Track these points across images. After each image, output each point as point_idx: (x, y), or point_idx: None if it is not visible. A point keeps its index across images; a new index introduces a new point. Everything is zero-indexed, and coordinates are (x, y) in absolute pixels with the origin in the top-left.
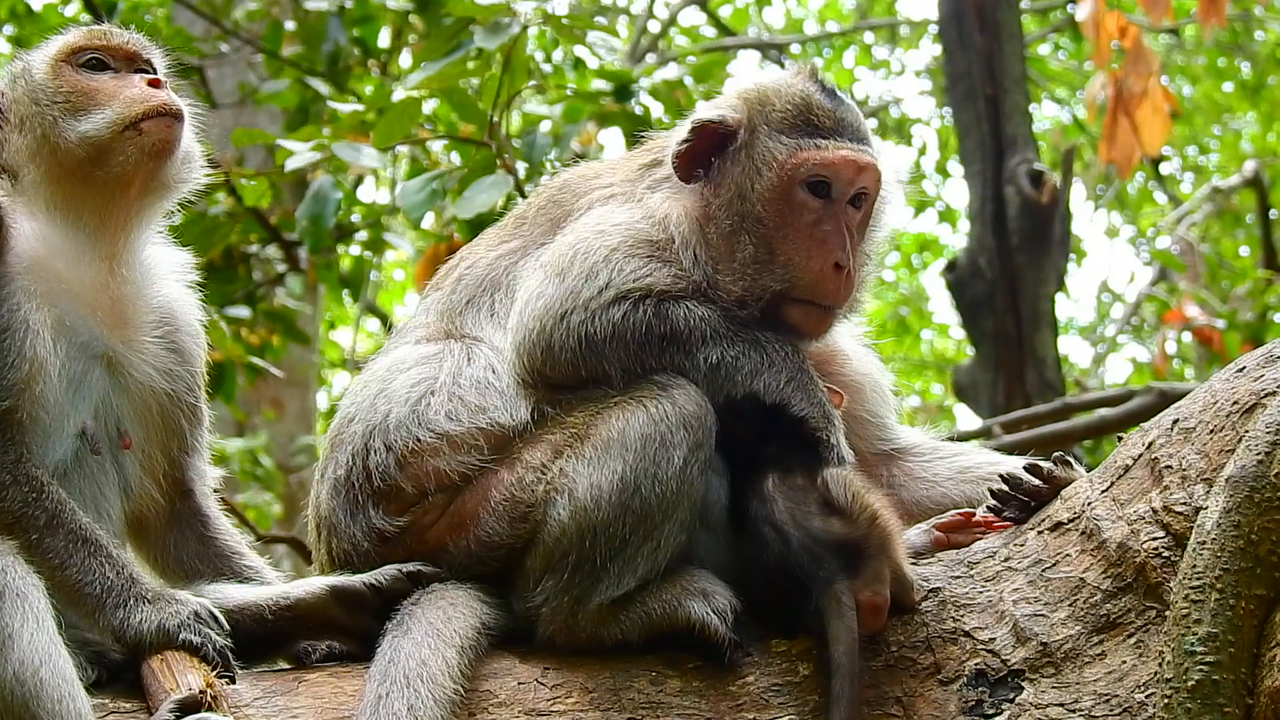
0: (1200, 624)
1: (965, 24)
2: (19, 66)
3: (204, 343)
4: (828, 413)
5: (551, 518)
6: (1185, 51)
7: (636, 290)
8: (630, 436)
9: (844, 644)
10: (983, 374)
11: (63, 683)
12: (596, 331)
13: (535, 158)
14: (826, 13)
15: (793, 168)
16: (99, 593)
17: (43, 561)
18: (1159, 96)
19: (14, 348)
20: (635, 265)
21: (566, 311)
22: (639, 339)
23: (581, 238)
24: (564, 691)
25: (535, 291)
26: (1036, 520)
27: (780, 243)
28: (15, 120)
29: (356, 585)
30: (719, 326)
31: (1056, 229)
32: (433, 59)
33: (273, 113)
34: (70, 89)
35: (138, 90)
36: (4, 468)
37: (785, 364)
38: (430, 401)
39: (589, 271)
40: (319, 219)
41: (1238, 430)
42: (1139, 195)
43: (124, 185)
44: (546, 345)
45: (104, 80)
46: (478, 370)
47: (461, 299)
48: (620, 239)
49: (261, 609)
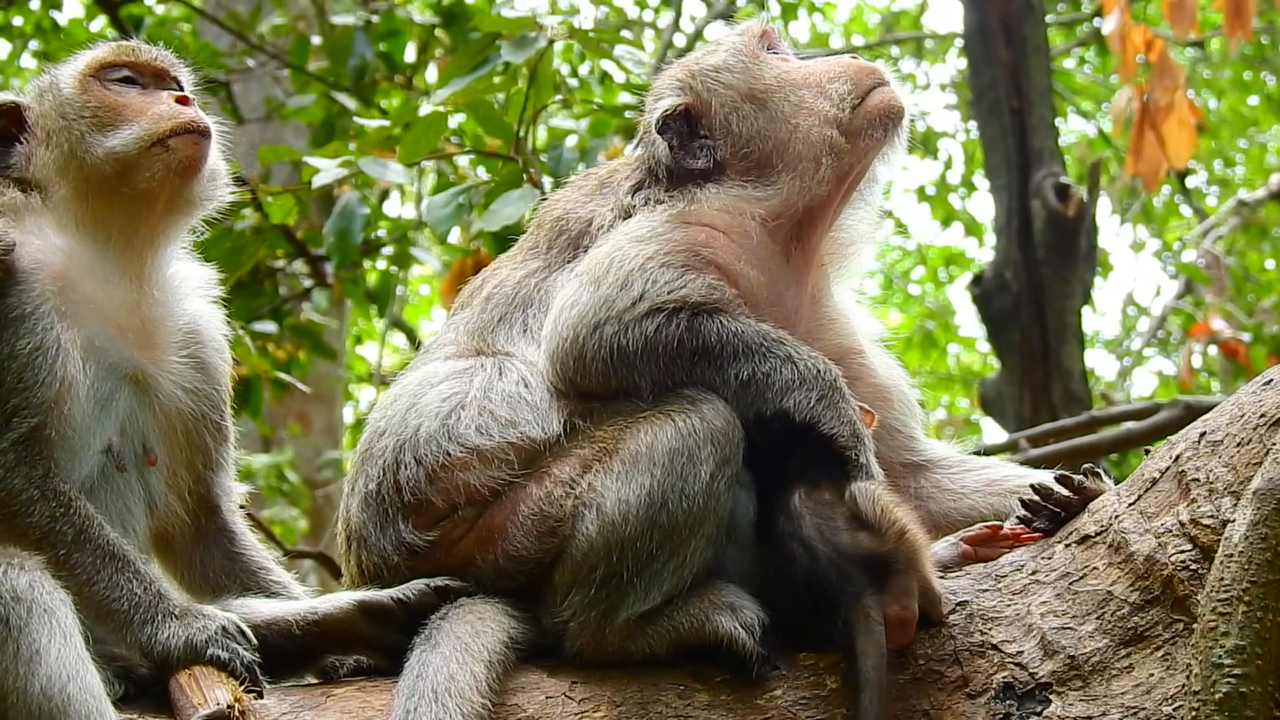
0: (1228, 636)
1: (991, 38)
2: (46, 81)
3: (229, 359)
4: (858, 431)
5: (579, 532)
6: (1211, 65)
7: (671, 303)
8: (658, 451)
9: (872, 659)
10: (1009, 387)
11: (90, 698)
12: (629, 344)
13: (561, 172)
14: (852, 27)
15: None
16: (127, 609)
17: (70, 577)
18: (1185, 110)
19: (45, 366)
20: (670, 275)
21: (600, 322)
22: (670, 353)
23: (619, 246)
24: (592, 705)
25: (570, 299)
26: (1064, 533)
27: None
28: (42, 135)
29: (384, 600)
30: (752, 341)
31: (1082, 242)
32: (459, 74)
33: (299, 127)
34: (98, 104)
35: (165, 107)
36: (32, 483)
37: (817, 381)
38: (461, 415)
39: (624, 280)
40: (346, 234)
41: (1265, 443)
42: (1165, 208)
43: (150, 202)
44: (579, 355)
45: (132, 96)
46: (509, 385)
47: (493, 317)
48: (658, 245)
49: (289, 624)
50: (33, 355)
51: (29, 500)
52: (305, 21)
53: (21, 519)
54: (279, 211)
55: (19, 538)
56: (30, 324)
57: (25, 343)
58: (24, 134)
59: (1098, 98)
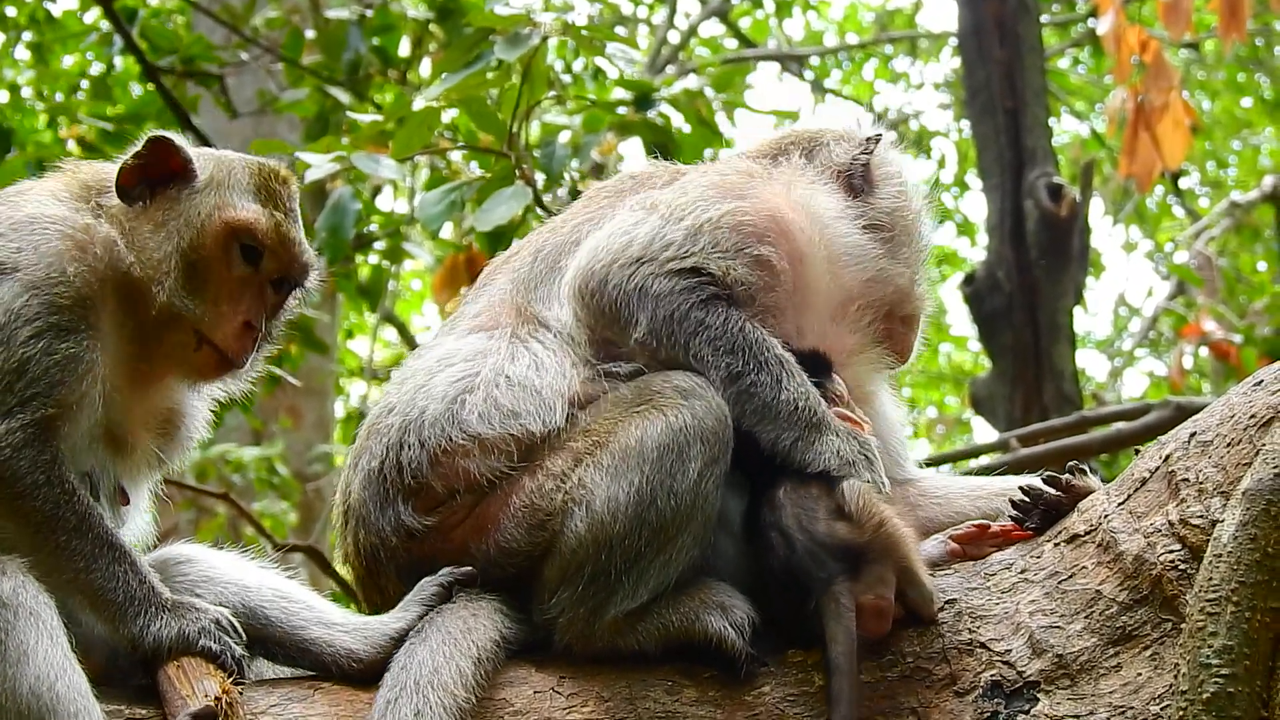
0: (1216, 636)
1: (985, 37)
2: (219, 177)
3: (201, 434)
4: (846, 459)
5: (569, 529)
6: (1205, 66)
7: (709, 276)
8: (648, 447)
9: (842, 644)
10: (1000, 387)
11: (78, 696)
12: (653, 287)
13: (554, 168)
14: (846, 25)
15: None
16: (122, 598)
17: (69, 564)
18: (1179, 111)
19: (74, 375)
20: (732, 240)
21: (643, 259)
22: (676, 318)
23: (712, 185)
24: (580, 700)
25: (627, 226)
26: (1053, 532)
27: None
28: (173, 208)
29: (413, 624)
30: (754, 347)
31: (1075, 243)
32: (453, 70)
33: (292, 121)
34: (211, 261)
35: (234, 327)
36: (39, 468)
37: (792, 418)
38: (467, 401)
39: (696, 228)
40: (338, 229)
41: (1255, 444)
42: (1158, 210)
43: (157, 358)
44: (604, 275)
45: (234, 280)
46: (520, 369)
47: (543, 269)
48: (734, 205)
49: (324, 664)
50: (67, 360)
51: (34, 484)
52: (299, 15)
53: (26, 501)
54: None
55: (21, 521)
56: (76, 336)
57: (65, 346)
58: (172, 184)
59: (1092, 98)
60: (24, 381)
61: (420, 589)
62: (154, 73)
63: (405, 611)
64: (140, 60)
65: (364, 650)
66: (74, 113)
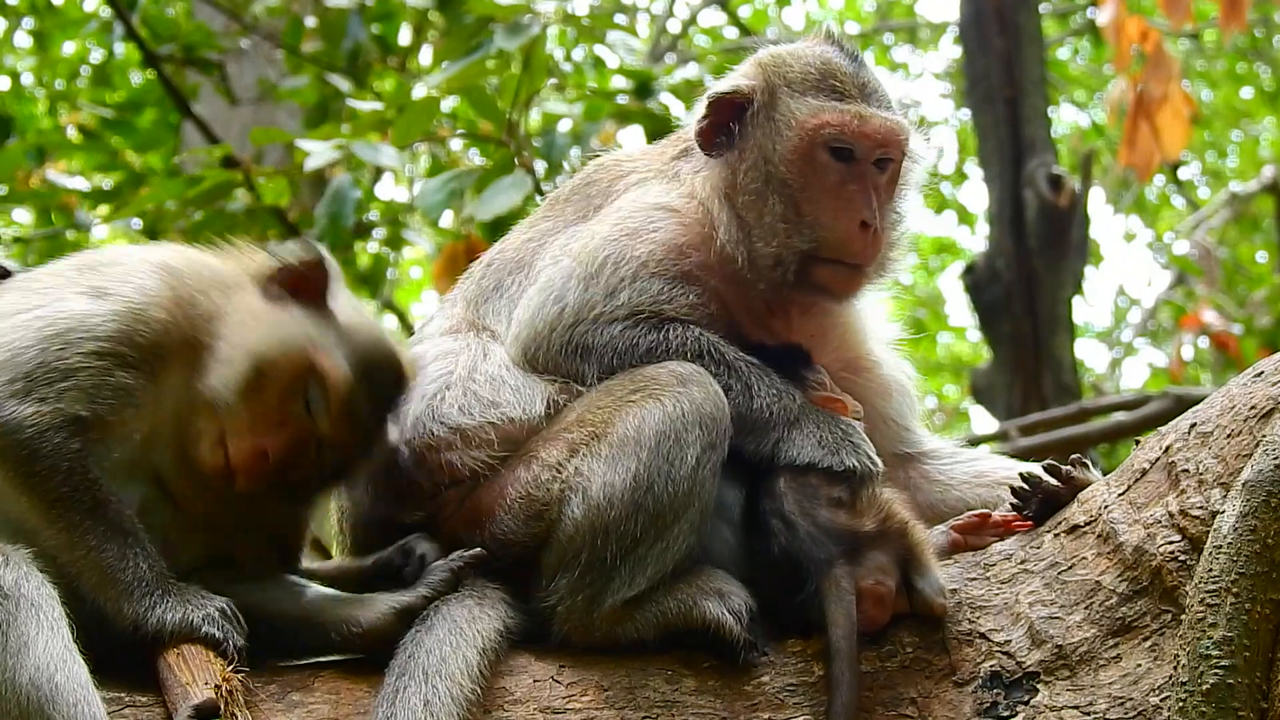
0: (1216, 628)
1: (985, 27)
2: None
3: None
4: (829, 444)
5: (565, 516)
6: (1205, 56)
7: (647, 314)
8: (645, 434)
9: (842, 627)
10: (1000, 377)
11: (78, 687)
12: (593, 341)
13: (554, 156)
14: (846, 14)
15: (813, 129)
16: (130, 580)
17: (81, 543)
18: (1179, 101)
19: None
20: (659, 287)
21: (577, 322)
22: (628, 351)
23: (615, 239)
24: (579, 689)
25: (557, 290)
26: (1053, 523)
27: (806, 203)
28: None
29: (418, 602)
30: (718, 353)
31: (1075, 233)
32: (453, 59)
33: (292, 109)
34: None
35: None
36: (63, 455)
37: (767, 424)
38: (446, 396)
39: (612, 289)
40: (338, 217)
41: (1255, 435)
42: (1158, 200)
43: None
44: (546, 343)
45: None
46: (493, 367)
47: (489, 285)
48: (651, 249)
49: (326, 632)
50: (121, 388)
51: (52, 469)
52: (299, 3)
53: (42, 481)
54: (271, 193)
55: (35, 498)
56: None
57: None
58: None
59: (1091, 88)
60: (68, 384)
61: (430, 572)
62: (154, 60)
63: (412, 590)
64: (141, 47)
65: (364, 616)
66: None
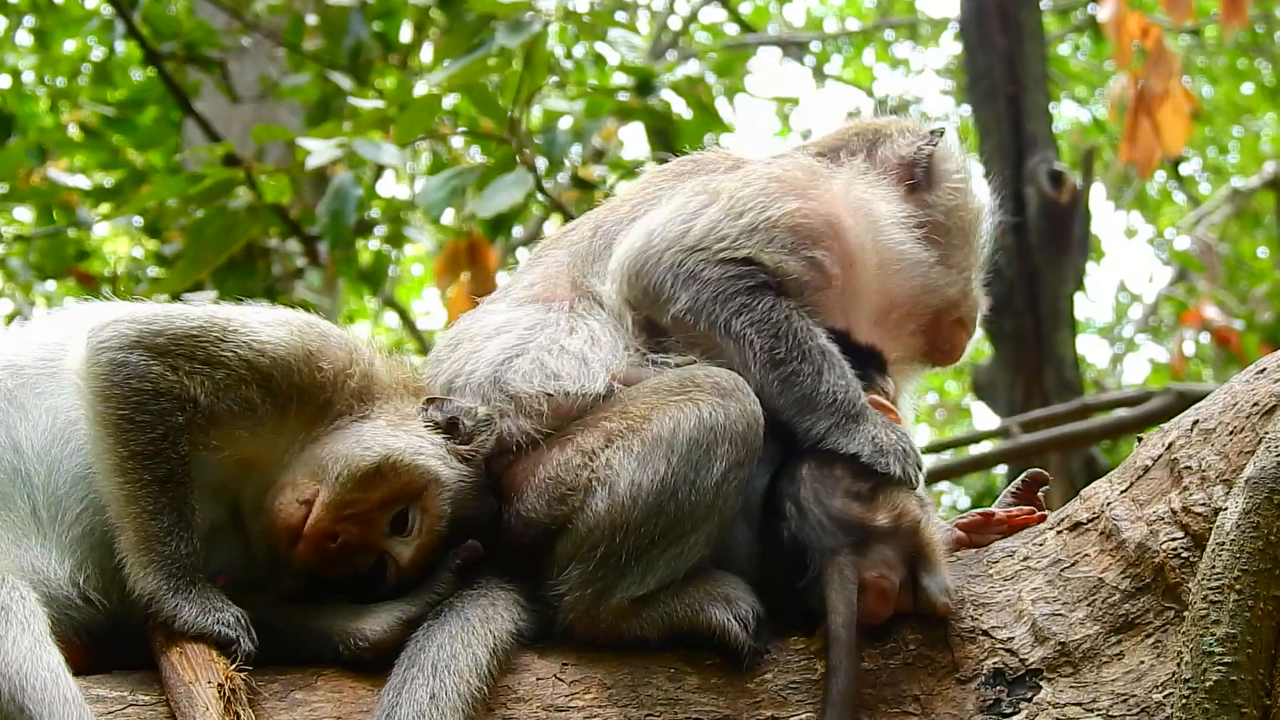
0: (1219, 625)
1: (986, 23)
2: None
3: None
4: (882, 446)
5: (589, 507)
6: (1206, 52)
7: (764, 267)
8: (679, 439)
9: (842, 615)
10: (1001, 373)
11: (46, 672)
12: (701, 272)
13: (555, 154)
14: (847, 10)
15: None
16: (164, 555)
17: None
18: (1180, 97)
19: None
20: (792, 244)
21: (697, 246)
22: (717, 297)
23: (774, 185)
24: (582, 687)
25: (688, 213)
26: (1056, 520)
27: (963, 263)
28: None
29: (424, 610)
30: (798, 336)
31: (1076, 229)
32: (454, 56)
33: (294, 106)
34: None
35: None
36: (166, 421)
37: (832, 409)
38: (514, 362)
39: (753, 226)
40: (339, 215)
41: (1258, 432)
42: (1159, 196)
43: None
44: (653, 259)
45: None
46: (576, 342)
47: (601, 245)
48: (813, 205)
49: (332, 644)
50: (244, 404)
51: (150, 425)
52: (301, 1)
53: (137, 432)
54: (273, 191)
55: (121, 443)
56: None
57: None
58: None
59: (1093, 84)
60: (204, 370)
61: (434, 577)
62: (155, 58)
63: (417, 597)
64: (142, 45)
65: (370, 629)
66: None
